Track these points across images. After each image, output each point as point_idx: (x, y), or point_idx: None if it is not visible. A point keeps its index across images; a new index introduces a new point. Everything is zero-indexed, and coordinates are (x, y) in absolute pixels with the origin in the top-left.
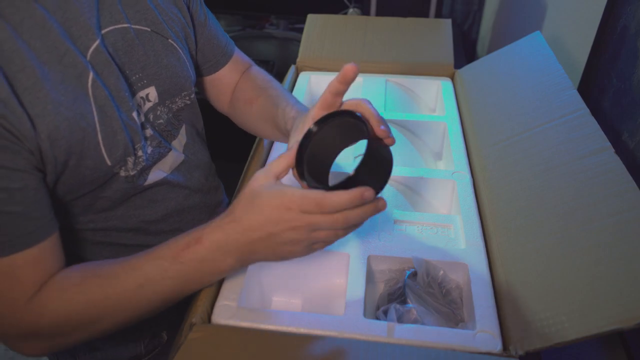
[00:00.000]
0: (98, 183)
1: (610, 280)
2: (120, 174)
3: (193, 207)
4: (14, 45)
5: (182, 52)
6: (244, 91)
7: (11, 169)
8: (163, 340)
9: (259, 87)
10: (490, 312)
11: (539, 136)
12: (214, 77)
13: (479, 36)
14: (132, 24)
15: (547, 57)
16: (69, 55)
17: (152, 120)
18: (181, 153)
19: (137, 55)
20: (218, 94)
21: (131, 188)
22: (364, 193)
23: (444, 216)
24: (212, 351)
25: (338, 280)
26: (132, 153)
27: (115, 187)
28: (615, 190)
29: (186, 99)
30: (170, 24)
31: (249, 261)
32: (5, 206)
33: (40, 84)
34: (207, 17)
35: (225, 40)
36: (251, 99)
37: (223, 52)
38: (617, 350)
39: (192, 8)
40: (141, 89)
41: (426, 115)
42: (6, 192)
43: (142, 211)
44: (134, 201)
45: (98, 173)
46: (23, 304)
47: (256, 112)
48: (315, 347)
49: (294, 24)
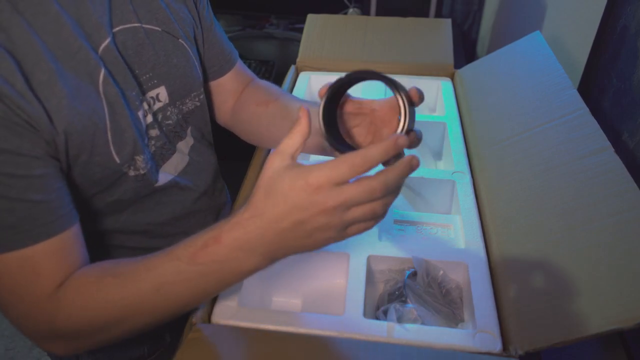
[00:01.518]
0: (108, 182)
1: (610, 280)
2: (130, 174)
3: (200, 209)
4: (29, 40)
5: (191, 53)
6: (256, 95)
7: (30, 157)
8: (166, 342)
9: (274, 93)
10: (490, 312)
11: (539, 136)
12: (217, 82)
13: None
14: (143, 24)
15: (547, 56)
16: (81, 52)
17: (161, 121)
18: (186, 155)
19: (147, 54)
20: (220, 102)
21: (142, 187)
22: (397, 140)
23: (444, 216)
24: (212, 351)
25: (338, 280)
26: (140, 152)
27: (125, 187)
28: (615, 190)
29: (196, 100)
30: (181, 24)
31: (278, 257)
32: (25, 194)
33: (55, 78)
34: (213, 22)
35: (230, 48)
36: (267, 101)
37: (227, 59)
38: (617, 350)
39: (200, 11)
40: (151, 89)
41: (426, 115)
42: (26, 180)
43: (149, 213)
44: (143, 203)
45: (107, 171)
46: (43, 301)
47: (272, 112)
48: (315, 347)
49: (294, 24)
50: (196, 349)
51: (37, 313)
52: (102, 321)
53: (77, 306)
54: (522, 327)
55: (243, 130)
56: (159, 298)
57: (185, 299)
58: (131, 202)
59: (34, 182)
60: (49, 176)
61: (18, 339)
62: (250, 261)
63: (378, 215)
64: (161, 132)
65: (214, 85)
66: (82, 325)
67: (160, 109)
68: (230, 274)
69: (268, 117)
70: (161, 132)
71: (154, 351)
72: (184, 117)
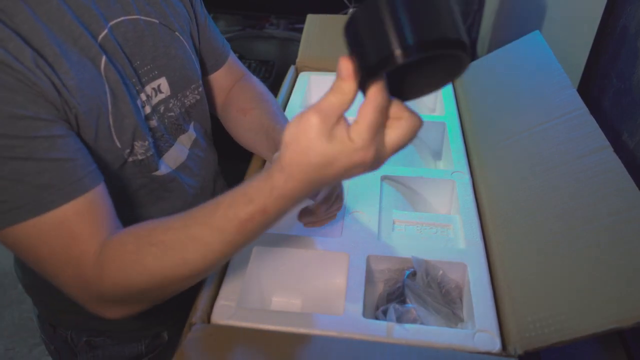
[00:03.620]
0: (111, 169)
1: (609, 279)
2: (129, 160)
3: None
4: (33, 25)
5: (187, 46)
6: (238, 100)
7: (49, 120)
8: (164, 341)
9: (255, 99)
10: (489, 312)
11: (539, 135)
12: (209, 78)
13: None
14: (142, 16)
15: (546, 56)
16: (83, 38)
17: (163, 112)
18: (187, 149)
19: (147, 46)
20: (211, 97)
21: (141, 174)
22: None
23: (444, 216)
24: (212, 351)
25: (337, 280)
26: (140, 138)
27: (126, 175)
28: (614, 189)
29: (195, 92)
30: (177, 18)
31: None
32: (49, 153)
33: (62, 60)
34: (207, 19)
35: (222, 43)
36: (245, 109)
37: (220, 54)
38: (617, 350)
39: (195, 7)
40: (152, 80)
41: (426, 115)
42: (49, 140)
43: (150, 208)
44: (144, 197)
45: (110, 156)
46: (88, 268)
47: (248, 123)
48: (315, 347)
49: (294, 24)
50: (196, 349)
51: (85, 278)
52: (144, 289)
53: (119, 275)
54: (522, 327)
55: (229, 128)
56: (204, 264)
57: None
58: (132, 195)
59: (56, 142)
60: (70, 136)
61: (18, 339)
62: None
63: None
64: (161, 123)
65: (206, 80)
66: (128, 292)
67: (162, 101)
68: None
69: (244, 126)
70: (161, 123)
71: (152, 349)
72: (186, 110)
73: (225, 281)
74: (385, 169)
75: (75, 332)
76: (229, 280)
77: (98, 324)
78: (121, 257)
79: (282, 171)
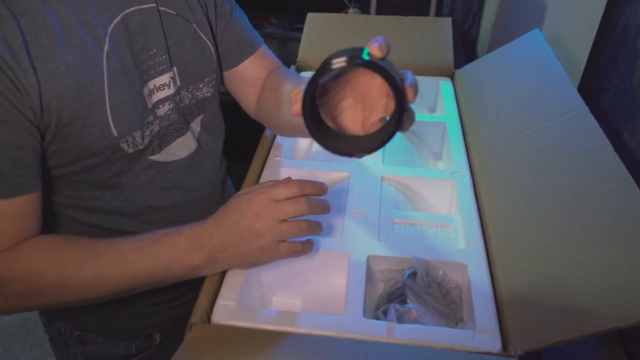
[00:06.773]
0: (104, 155)
1: (609, 278)
2: (128, 150)
3: (201, 199)
4: (39, 5)
5: (205, 38)
6: (271, 82)
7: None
8: (155, 343)
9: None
10: (489, 312)
11: (538, 134)
12: (236, 70)
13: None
14: (159, 5)
15: (546, 54)
16: (90, 25)
17: (171, 103)
18: (195, 140)
19: (160, 36)
20: (244, 92)
21: (141, 163)
22: (323, 187)
23: (444, 216)
24: (212, 351)
25: (338, 280)
26: (139, 128)
27: (122, 162)
28: (614, 188)
29: (210, 86)
30: (195, 10)
31: (218, 260)
32: None
33: (57, 44)
34: (233, 9)
35: (252, 34)
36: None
37: (247, 44)
38: (617, 349)
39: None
40: (163, 70)
41: (426, 115)
42: None
43: (149, 196)
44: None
45: (104, 142)
46: None
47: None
48: (315, 347)
49: (294, 23)
50: (195, 349)
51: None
52: (54, 282)
53: (34, 262)
54: (522, 327)
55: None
56: (111, 271)
57: (134, 280)
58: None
59: None
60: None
61: (18, 339)
62: (198, 256)
63: (303, 232)
64: (171, 113)
65: (234, 72)
66: (33, 281)
67: (171, 92)
68: (180, 263)
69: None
70: (171, 113)
71: (142, 350)
72: (198, 103)
73: (225, 281)
74: (385, 169)
75: (68, 325)
76: (229, 280)
77: (87, 319)
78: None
79: None
